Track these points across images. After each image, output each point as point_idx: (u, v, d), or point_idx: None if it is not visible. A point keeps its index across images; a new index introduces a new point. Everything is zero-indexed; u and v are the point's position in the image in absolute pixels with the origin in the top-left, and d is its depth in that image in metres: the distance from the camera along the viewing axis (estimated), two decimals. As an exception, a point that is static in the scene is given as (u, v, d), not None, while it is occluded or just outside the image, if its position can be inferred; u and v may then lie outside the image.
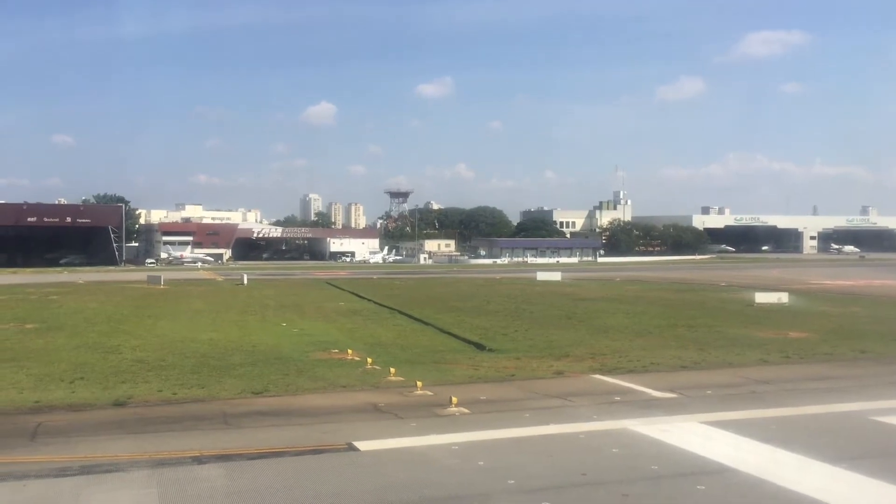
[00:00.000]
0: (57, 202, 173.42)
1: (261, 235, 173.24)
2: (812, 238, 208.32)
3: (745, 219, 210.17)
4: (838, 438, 16.50)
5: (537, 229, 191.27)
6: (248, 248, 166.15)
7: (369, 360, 27.09)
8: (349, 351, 29.73)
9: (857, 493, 12.83)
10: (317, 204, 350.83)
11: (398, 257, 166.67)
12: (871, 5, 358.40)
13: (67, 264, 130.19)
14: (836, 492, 12.72)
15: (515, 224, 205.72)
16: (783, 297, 53.24)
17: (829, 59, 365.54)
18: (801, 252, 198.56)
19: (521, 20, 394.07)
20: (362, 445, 15.62)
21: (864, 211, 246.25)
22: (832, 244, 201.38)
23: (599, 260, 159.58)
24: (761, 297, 53.14)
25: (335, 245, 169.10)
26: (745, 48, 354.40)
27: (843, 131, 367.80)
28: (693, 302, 55.73)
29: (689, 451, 15.26)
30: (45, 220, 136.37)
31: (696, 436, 16.48)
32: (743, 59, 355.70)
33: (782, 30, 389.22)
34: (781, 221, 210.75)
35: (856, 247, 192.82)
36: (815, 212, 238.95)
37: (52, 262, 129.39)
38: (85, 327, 39.66)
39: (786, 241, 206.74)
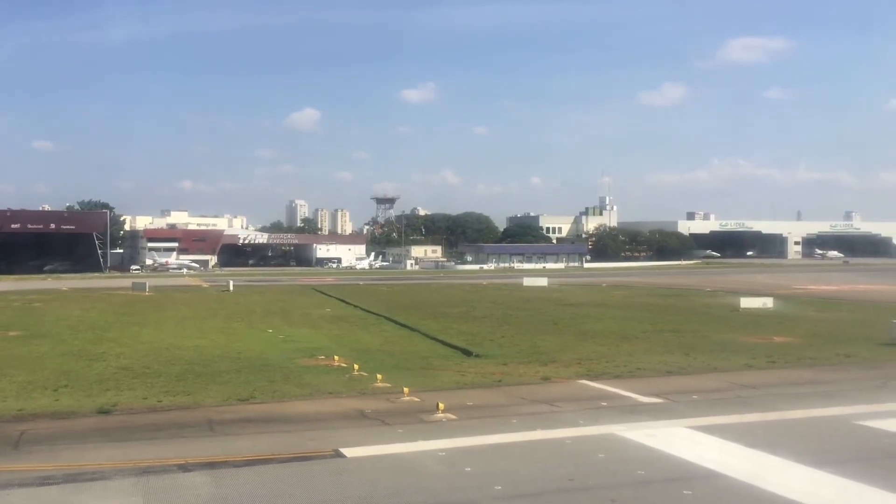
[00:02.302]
0: (41, 209, 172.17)
1: (247, 241, 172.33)
2: (796, 243, 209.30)
3: (730, 224, 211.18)
4: (823, 442, 16.61)
5: (524, 235, 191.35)
6: (235, 254, 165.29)
7: (356, 366, 27.04)
8: (336, 357, 29.66)
9: (843, 496, 12.90)
10: (303, 210, 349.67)
11: (385, 263, 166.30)
12: (851, 11, 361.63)
13: (51, 271, 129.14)
14: (821, 495, 12.79)
15: (502, 230, 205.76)
16: (768, 303, 53.59)
17: (811, 65, 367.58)
18: (786, 257, 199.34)
19: (503, 26, 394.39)
20: (349, 452, 15.59)
21: (848, 216, 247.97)
22: (816, 249, 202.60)
23: (586, 265, 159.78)
24: (746, 303, 53.46)
25: (322, 251, 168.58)
26: (727, 54, 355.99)
27: (826, 137, 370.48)
28: (679, 307, 55.97)
29: (675, 455, 15.32)
30: (29, 226, 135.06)
31: (683, 440, 16.54)
32: (726, 65, 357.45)
33: (764, 36, 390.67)
34: (766, 227, 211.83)
35: (840, 252, 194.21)
36: (799, 217, 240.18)
37: (36, 269, 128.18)
38: (69, 335, 39.40)
39: (770, 246, 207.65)
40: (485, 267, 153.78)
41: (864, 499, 12.80)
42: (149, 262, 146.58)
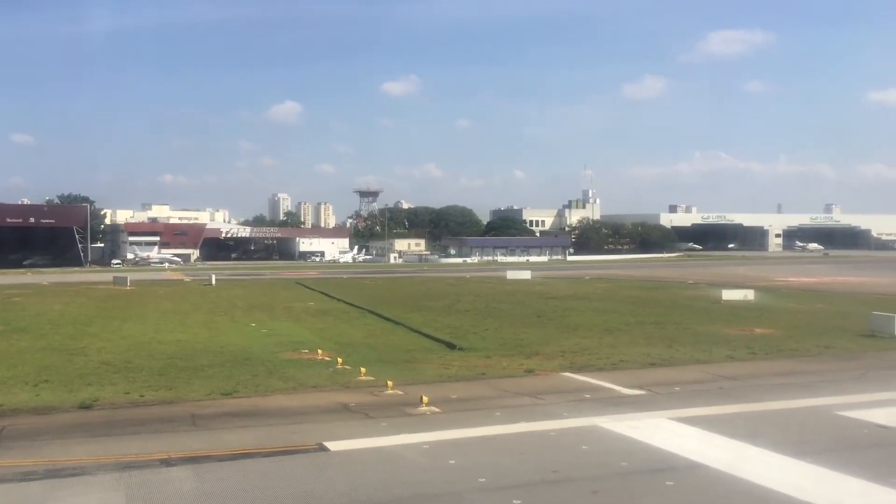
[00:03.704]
0: (20, 202, 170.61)
1: (229, 235, 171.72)
2: (777, 236, 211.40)
3: (712, 217, 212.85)
4: (804, 433, 16.78)
5: (507, 228, 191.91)
6: (217, 248, 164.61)
7: (339, 359, 26.99)
8: (319, 351, 29.61)
9: (823, 485, 13.02)
10: (286, 203, 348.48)
11: (368, 257, 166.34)
12: (830, 4, 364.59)
13: (31, 265, 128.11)
14: (801, 485, 12.91)
15: (485, 223, 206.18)
16: (749, 295, 53.98)
17: (791, 58, 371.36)
18: (767, 250, 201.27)
19: (485, 19, 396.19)
20: (333, 445, 15.57)
21: (828, 209, 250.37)
22: (797, 242, 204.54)
23: (569, 258, 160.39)
24: (728, 295, 53.85)
25: (305, 245, 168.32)
26: (707, 47, 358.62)
27: (806, 129, 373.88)
28: (661, 299, 56.25)
29: (657, 447, 15.41)
30: (8, 220, 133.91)
31: (665, 432, 16.64)
32: (706, 59, 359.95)
33: (744, 29, 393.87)
34: (747, 219, 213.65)
35: (820, 244, 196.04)
36: (779, 210, 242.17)
37: (16, 264, 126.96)
38: (49, 329, 39.05)
39: (752, 238, 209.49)
40: (468, 260, 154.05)
41: (843, 488, 12.93)
42: (130, 256, 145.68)
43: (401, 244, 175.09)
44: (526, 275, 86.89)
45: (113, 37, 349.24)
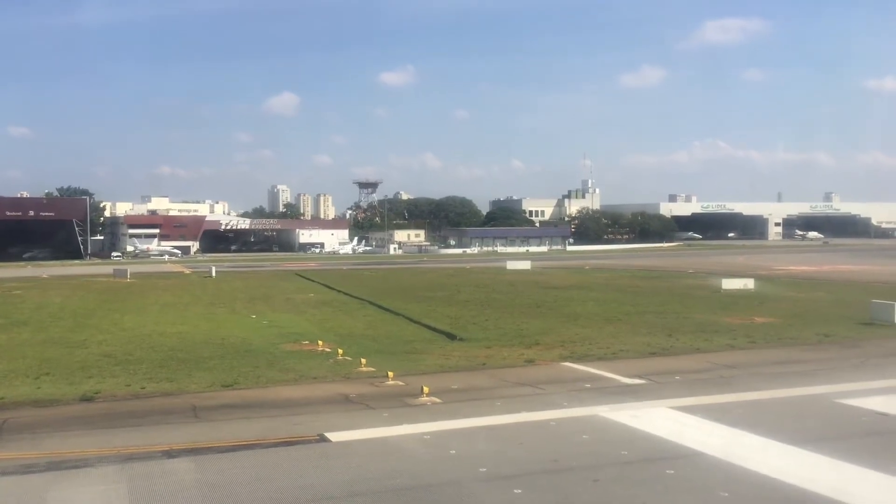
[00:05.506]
0: (19, 195, 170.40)
1: (229, 227, 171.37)
2: (777, 224, 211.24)
3: (712, 206, 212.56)
4: (803, 421, 16.81)
5: (507, 218, 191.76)
6: (217, 240, 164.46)
7: (340, 351, 27.03)
8: (320, 342, 29.64)
9: (822, 473, 13.06)
10: (285, 195, 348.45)
11: (368, 248, 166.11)
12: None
13: (31, 258, 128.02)
14: (801, 473, 12.95)
15: (485, 213, 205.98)
16: (749, 283, 54.00)
17: (789, 46, 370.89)
18: (767, 238, 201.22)
19: (482, 8, 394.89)
20: (334, 436, 15.61)
21: (828, 197, 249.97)
22: (796, 230, 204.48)
23: (568, 248, 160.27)
24: (728, 284, 53.84)
25: (304, 236, 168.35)
26: (705, 36, 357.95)
27: (804, 117, 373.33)
28: (661, 289, 56.24)
29: (658, 436, 15.46)
30: (8, 213, 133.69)
31: (665, 421, 16.69)
32: (704, 47, 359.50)
33: (741, 17, 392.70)
34: (747, 208, 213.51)
35: (819, 233, 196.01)
36: (779, 198, 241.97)
37: (16, 257, 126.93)
38: (50, 322, 39.09)
39: (751, 227, 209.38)
40: (468, 251, 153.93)
41: (843, 475, 12.97)
42: (130, 248, 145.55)
43: (400, 235, 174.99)
44: (526, 265, 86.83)
45: (109, 28, 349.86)
